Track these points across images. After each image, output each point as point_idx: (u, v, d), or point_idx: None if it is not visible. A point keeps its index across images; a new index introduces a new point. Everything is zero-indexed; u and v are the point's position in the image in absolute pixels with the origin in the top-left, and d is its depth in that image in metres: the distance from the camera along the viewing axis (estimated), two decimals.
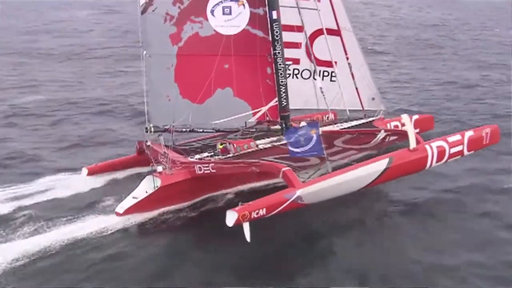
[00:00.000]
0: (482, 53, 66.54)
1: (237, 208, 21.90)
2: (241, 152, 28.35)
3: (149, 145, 29.59)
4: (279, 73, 31.88)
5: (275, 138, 32.14)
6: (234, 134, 29.40)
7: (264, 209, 22.50)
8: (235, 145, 29.68)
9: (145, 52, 29.05)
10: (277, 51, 31.69)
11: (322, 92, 33.04)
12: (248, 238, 23.04)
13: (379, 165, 26.86)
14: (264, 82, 31.79)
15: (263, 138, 31.93)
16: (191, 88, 28.39)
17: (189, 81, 28.34)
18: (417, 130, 35.09)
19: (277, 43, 31.63)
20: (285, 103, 32.04)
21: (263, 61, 31.68)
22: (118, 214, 25.49)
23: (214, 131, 29.39)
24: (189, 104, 28.43)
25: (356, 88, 35.33)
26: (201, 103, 28.48)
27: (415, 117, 37.12)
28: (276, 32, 31.39)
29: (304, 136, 26.78)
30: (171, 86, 28.11)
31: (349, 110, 33.93)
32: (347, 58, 34.98)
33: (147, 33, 27.98)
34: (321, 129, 28.14)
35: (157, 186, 27.00)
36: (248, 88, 29.81)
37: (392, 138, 31.80)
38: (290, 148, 26.80)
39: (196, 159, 27.52)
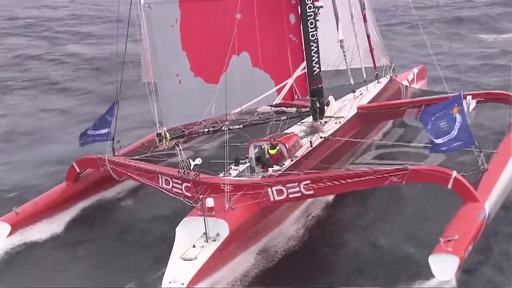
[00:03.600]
0: None
1: (449, 249, 19.53)
2: (297, 156, 25.77)
3: (120, 162, 26.45)
4: (309, 22, 27.51)
5: (303, 127, 28.59)
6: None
7: (472, 243, 20.55)
8: (286, 145, 25.57)
9: (142, 1, 24.10)
10: None
11: (342, 47, 30.02)
12: None
13: None
14: (288, 39, 27.55)
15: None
16: (202, 59, 26.00)
17: (198, 47, 25.95)
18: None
19: None
20: (316, 70, 28.02)
21: (286, 6, 27.36)
22: None
23: (241, 127, 26.78)
24: (203, 85, 25.95)
25: (368, 36, 32.68)
26: (216, 82, 25.43)
27: (415, 71, 36.61)
28: None
29: (444, 119, 22.68)
30: (179, 57, 25.64)
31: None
32: None
33: None
34: None
35: (219, 234, 22.20)
36: (268, 50, 27.11)
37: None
38: (431, 139, 22.74)
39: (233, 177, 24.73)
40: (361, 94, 31.69)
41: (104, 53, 47.38)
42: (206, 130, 26.25)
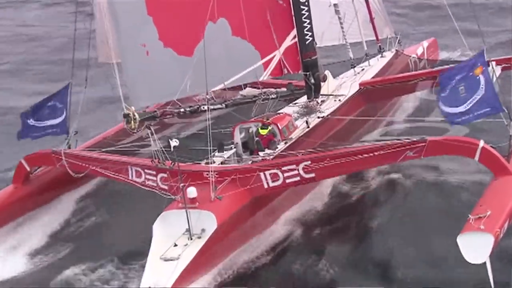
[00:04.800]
0: None
1: (481, 227, 18.46)
2: (292, 138, 25.04)
3: (79, 155, 25.49)
4: None
5: (296, 108, 27.82)
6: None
7: (508, 220, 19.53)
8: (279, 125, 24.61)
9: None
10: None
11: (337, 12, 29.51)
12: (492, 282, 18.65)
13: None
14: (273, 2, 26.74)
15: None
16: (172, 26, 25.54)
17: (167, 12, 25.54)
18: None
19: None
20: (309, 38, 27.00)
21: None
22: None
23: (224, 107, 26.30)
24: (175, 58, 25.61)
25: (367, 2, 31.49)
26: (189, 54, 25.34)
27: (425, 44, 35.56)
28: None
29: (462, 83, 21.32)
30: (145, 24, 25.18)
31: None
32: None
33: None
34: None
35: (204, 229, 21.19)
36: (250, 16, 26.54)
37: None
38: (443, 109, 21.54)
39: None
40: (362, 70, 30.62)
41: None
42: (182, 110, 25.39)
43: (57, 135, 25.58)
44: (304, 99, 27.94)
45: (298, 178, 22.13)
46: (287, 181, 22.19)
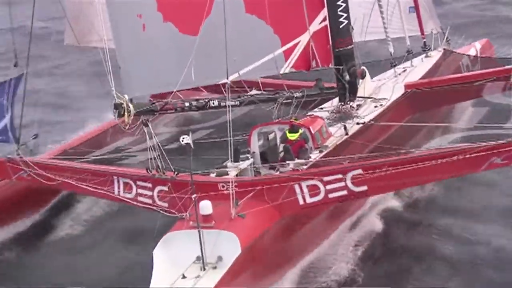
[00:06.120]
0: None
1: None
2: (329, 146, 23.53)
3: (45, 164, 23.81)
4: None
5: (326, 114, 26.20)
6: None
7: None
8: (312, 129, 23.27)
9: None
10: None
11: None
12: None
13: None
14: None
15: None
16: None
17: None
18: None
19: None
20: (344, 21, 25.46)
21: None
22: None
23: (238, 103, 24.49)
24: (176, 36, 24.28)
25: None
26: (193, 32, 23.64)
27: (478, 45, 34.04)
28: None
29: None
30: None
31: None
32: None
33: None
34: None
35: (222, 257, 19.31)
36: None
37: None
38: None
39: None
40: (404, 70, 28.92)
41: None
42: (187, 104, 23.93)
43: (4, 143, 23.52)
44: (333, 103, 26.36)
45: (345, 192, 20.18)
46: (330, 195, 20.23)
